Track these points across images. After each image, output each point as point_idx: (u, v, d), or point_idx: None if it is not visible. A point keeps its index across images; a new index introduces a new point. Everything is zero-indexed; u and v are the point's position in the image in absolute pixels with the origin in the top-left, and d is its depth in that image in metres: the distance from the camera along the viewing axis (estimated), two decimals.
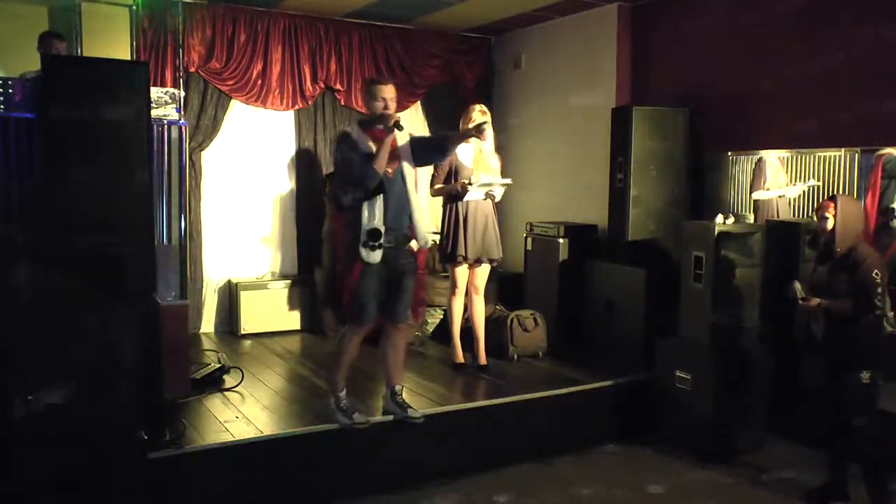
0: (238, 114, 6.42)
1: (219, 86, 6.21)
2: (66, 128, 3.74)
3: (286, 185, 6.68)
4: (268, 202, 6.64)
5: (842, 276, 3.67)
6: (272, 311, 6.30)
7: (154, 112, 4.61)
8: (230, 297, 6.40)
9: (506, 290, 6.30)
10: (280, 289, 6.38)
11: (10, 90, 4.41)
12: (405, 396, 4.16)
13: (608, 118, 5.74)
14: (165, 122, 4.91)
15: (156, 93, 4.88)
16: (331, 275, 4.09)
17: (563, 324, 5.81)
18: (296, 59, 6.46)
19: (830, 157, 4.91)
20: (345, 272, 3.87)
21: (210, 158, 6.30)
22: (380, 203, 3.81)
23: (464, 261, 4.93)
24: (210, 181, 6.30)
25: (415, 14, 6.56)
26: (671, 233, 5.49)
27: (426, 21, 6.75)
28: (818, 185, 4.97)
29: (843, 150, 4.82)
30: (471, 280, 5.05)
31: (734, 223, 4.63)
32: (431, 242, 6.76)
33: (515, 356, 5.38)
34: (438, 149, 4.22)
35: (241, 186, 6.47)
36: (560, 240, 5.88)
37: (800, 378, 4.72)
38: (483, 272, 5.07)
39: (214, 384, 4.66)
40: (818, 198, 4.87)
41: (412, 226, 3.95)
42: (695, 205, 5.75)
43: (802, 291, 3.79)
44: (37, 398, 3.04)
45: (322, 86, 6.59)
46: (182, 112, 5.38)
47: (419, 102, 7.14)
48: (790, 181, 5.18)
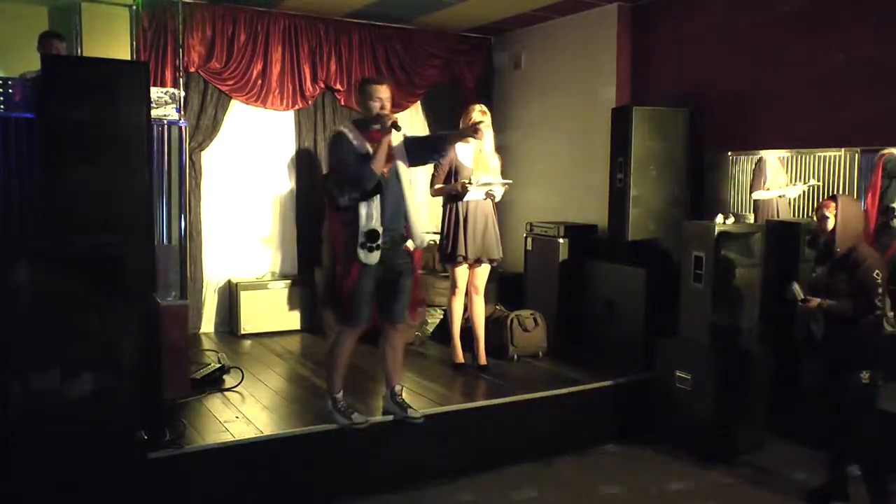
0: (238, 114, 6.42)
1: (219, 86, 6.21)
2: (66, 128, 3.74)
3: (286, 185, 6.68)
4: (268, 202, 6.64)
5: (842, 277, 3.68)
6: (272, 311, 6.31)
7: (154, 112, 4.61)
8: (230, 297, 6.40)
9: (506, 290, 6.30)
10: (280, 289, 6.38)
11: (10, 90, 4.41)
12: (405, 396, 4.16)
13: (608, 118, 5.74)
14: (165, 122, 4.91)
15: (156, 93, 4.88)
16: (331, 275, 4.09)
17: (563, 324, 5.81)
18: (296, 59, 6.46)
19: (830, 157, 4.91)
20: (342, 273, 3.86)
21: (210, 158, 6.30)
22: (377, 204, 3.80)
23: (464, 261, 4.93)
24: (210, 181, 6.30)
25: (415, 14, 6.56)
26: (671, 233, 5.49)
27: (426, 21, 6.75)
28: (818, 185, 4.97)
29: (843, 150, 4.82)
30: (471, 280, 5.05)
31: (734, 223, 4.63)
32: (430, 242, 6.80)
33: (515, 356, 5.38)
34: (434, 149, 4.21)
35: (241, 186, 6.47)
36: (560, 240, 5.88)
37: (800, 378, 4.72)
38: (483, 272, 5.07)
39: (214, 384, 4.66)
40: (818, 198, 4.86)
41: (408, 226, 3.95)
42: (695, 205, 5.76)
43: (802, 292, 3.79)
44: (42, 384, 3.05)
45: (322, 86, 6.59)
46: (182, 112, 5.38)
47: (419, 102, 7.14)
48: (790, 181, 5.18)
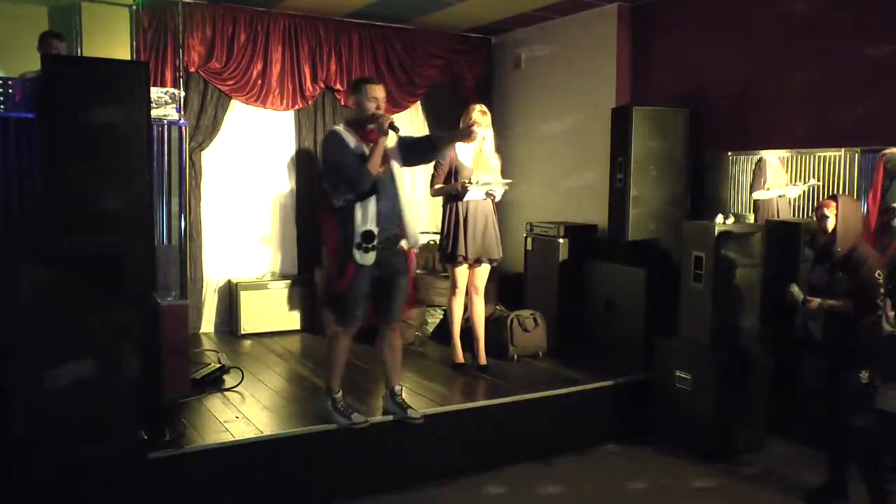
0: (238, 114, 6.41)
1: (219, 86, 6.21)
2: (66, 128, 3.74)
3: (286, 185, 6.68)
4: (268, 202, 6.64)
5: (842, 277, 3.67)
6: (272, 311, 6.31)
7: (154, 112, 4.62)
8: (230, 297, 6.40)
9: (506, 290, 6.29)
10: (280, 289, 6.38)
11: (10, 90, 4.42)
12: (405, 396, 4.17)
13: (608, 118, 5.74)
14: (165, 122, 4.92)
15: (156, 93, 4.88)
16: (330, 275, 4.09)
17: (563, 324, 5.81)
18: (296, 59, 6.46)
19: (830, 157, 4.91)
20: (336, 273, 3.87)
21: (210, 158, 6.29)
22: (372, 204, 3.80)
23: (464, 261, 4.93)
24: (210, 181, 6.30)
25: (415, 14, 6.56)
26: (671, 233, 5.49)
27: (426, 21, 6.75)
28: (818, 185, 4.97)
29: (843, 150, 4.82)
30: (471, 280, 5.05)
31: (734, 223, 4.63)
32: (430, 242, 6.80)
33: (515, 356, 5.38)
34: (429, 150, 4.20)
35: (241, 186, 6.47)
36: (560, 240, 5.88)
37: (799, 378, 4.72)
38: (483, 272, 5.07)
39: (214, 384, 4.65)
40: (818, 198, 4.86)
41: (402, 225, 3.95)
42: (695, 205, 5.76)
43: (802, 293, 3.79)
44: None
45: (322, 86, 6.59)
46: (182, 112, 5.38)
47: (419, 102, 7.14)
48: (790, 181, 5.18)
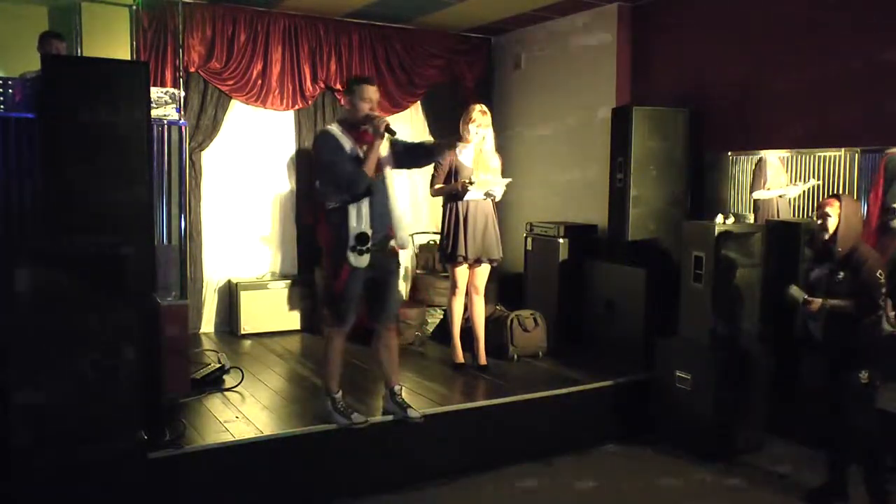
0: (238, 114, 6.41)
1: (219, 86, 6.21)
2: (66, 128, 3.74)
3: (286, 185, 6.68)
4: (268, 202, 6.64)
5: (843, 276, 3.67)
6: (272, 311, 6.30)
7: (154, 112, 4.62)
8: (230, 297, 6.40)
9: (506, 290, 6.30)
10: (280, 289, 6.38)
11: (10, 90, 4.43)
12: (405, 396, 4.17)
13: (608, 118, 5.75)
14: (165, 122, 4.92)
15: (156, 93, 4.89)
16: (328, 275, 4.10)
17: (563, 324, 5.81)
18: (296, 59, 6.46)
19: (830, 157, 4.91)
20: (331, 275, 3.87)
21: (210, 158, 6.29)
22: (366, 206, 3.81)
23: (464, 261, 4.93)
24: (210, 181, 6.30)
25: (415, 14, 6.56)
26: (671, 233, 5.49)
27: (426, 21, 6.75)
28: (818, 185, 4.97)
29: (843, 150, 4.82)
30: (471, 280, 5.05)
31: (734, 223, 4.63)
32: (431, 242, 6.80)
33: (515, 356, 5.38)
34: (424, 157, 4.22)
35: (241, 186, 6.47)
36: (560, 240, 5.87)
37: (799, 378, 4.72)
38: (483, 272, 5.07)
39: (214, 384, 4.65)
40: (818, 198, 4.86)
41: (392, 226, 3.97)
42: (695, 205, 5.76)
43: (802, 293, 3.77)
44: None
45: (322, 86, 6.59)
46: (182, 112, 5.39)
47: (419, 102, 7.14)
48: (790, 181, 5.18)
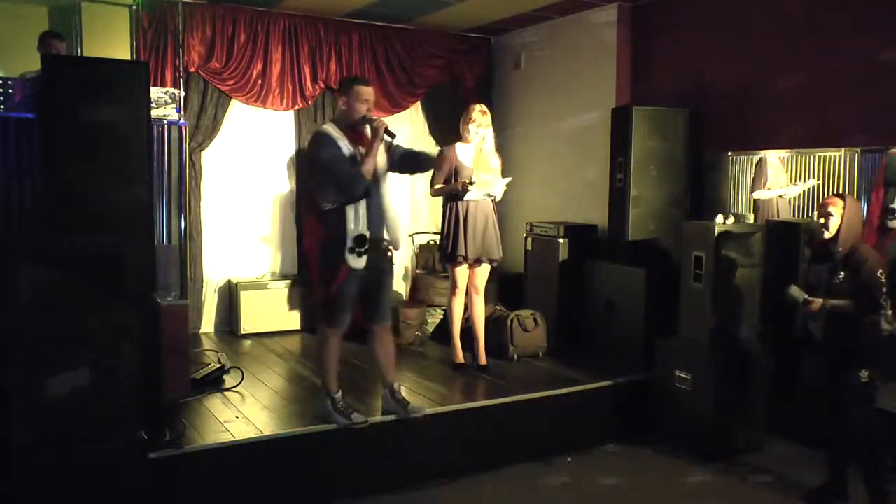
0: (238, 114, 6.41)
1: (219, 86, 6.20)
2: (66, 128, 3.74)
3: (286, 185, 6.68)
4: (268, 202, 6.64)
5: (844, 276, 3.66)
6: (272, 311, 6.30)
7: (154, 112, 4.62)
8: (230, 297, 6.40)
9: (506, 290, 6.30)
10: (280, 289, 6.38)
11: (10, 90, 4.42)
12: (404, 395, 4.18)
13: (608, 118, 5.74)
14: (165, 122, 4.91)
15: (156, 93, 4.88)
16: (322, 277, 4.11)
17: (563, 324, 5.81)
18: (296, 59, 6.46)
19: (830, 157, 4.91)
20: (328, 276, 3.87)
21: (210, 158, 6.29)
22: (362, 207, 3.81)
23: (464, 261, 4.93)
24: (210, 181, 6.30)
25: (415, 14, 6.56)
26: (671, 233, 5.49)
27: (426, 21, 6.75)
28: (818, 185, 4.97)
29: (843, 150, 4.82)
30: (471, 280, 5.05)
31: (734, 223, 4.63)
32: (431, 242, 6.79)
33: (515, 356, 5.38)
34: (418, 167, 4.23)
35: (241, 186, 6.47)
36: (560, 240, 5.87)
37: (799, 378, 4.72)
38: (483, 272, 5.07)
39: (214, 384, 4.65)
40: (818, 198, 4.86)
41: (386, 227, 3.98)
42: (695, 205, 5.76)
43: (802, 293, 3.75)
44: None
45: (322, 86, 6.59)
46: (182, 112, 5.39)
47: (419, 102, 7.14)
48: (790, 181, 5.18)
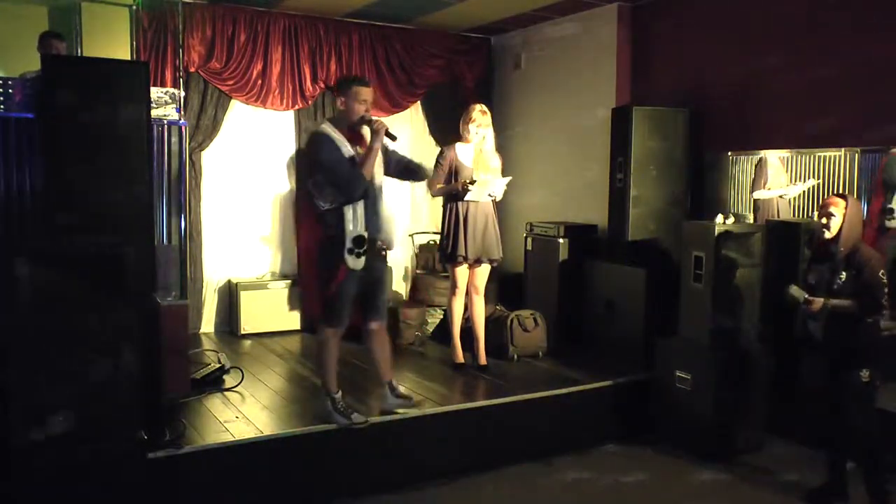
0: (238, 114, 6.41)
1: (219, 86, 6.20)
2: (66, 128, 3.74)
3: (286, 185, 6.68)
4: (268, 202, 6.64)
5: (846, 276, 3.65)
6: (272, 311, 6.30)
7: (154, 112, 4.62)
8: (230, 297, 6.40)
9: (506, 290, 6.30)
10: (280, 289, 6.38)
11: (10, 90, 4.42)
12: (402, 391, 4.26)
13: (608, 118, 5.74)
14: (165, 122, 4.91)
15: (156, 93, 4.88)
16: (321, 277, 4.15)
17: (563, 324, 5.81)
18: (296, 59, 6.46)
19: (830, 157, 4.91)
20: (327, 277, 3.88)
21: (210, 158, 6.29)
22: (360, 208, 3.83)
23: (464, 261, 4.93)
24: (210, 181, 6.30)
25: (415, 14, 6.56)
26: (671, 233, 5.49)
27: (426, 21, 6.75)
28: (818, 185, 4.97)
29: (843, 150, 4.82)
30: (471, 280, 5.05)
31: (734, 223, 4.63)
32: (431, 242, 6.79)
33: (515, 356, 5.38)
34: (411, 176, 4.24)
35: (241, 186, 6.47)
36: (560, 240, 5.88)
37: (799, 378, 4.72)
38: (483, 272, 5.07)
39: (214, 384, 4.65)
40: (818, 198, 4.86)
41: (381, 227, 4.00)
42: (695, 205, 5.76)
43: (803, 293, 3.73)
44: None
45: (322, 86, 6.59)
46: (182, 112, 5.38)
47: (419, 102, 7.14)
48: (790, 181, 5.18)
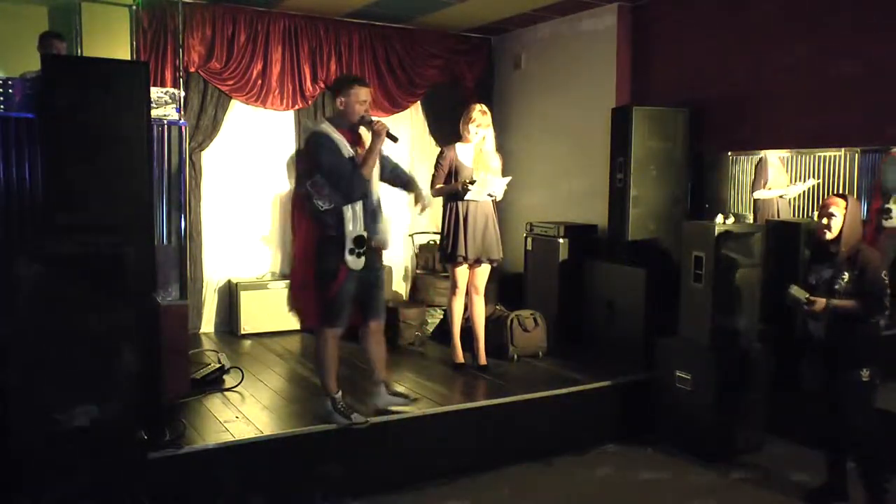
0: (238, 114, 6.41)
1: (219, 86, 6.21)
2: (66, 128, 3.73)
3: (286, 185, 6.68)
4: (268, 202, 6.64)
5: (848, 277, 3.64)
6: (272, 311, 6.29)
7: (154, 112, 4.61)
8: (230, 297, 6.40)
9: (506, 290, 6.30)
10: (280, 289, 6.35)
11: (10, 90, 4.42)
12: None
13: (608, 118, 5.74)
14: (165, 122, 4.91)
15: (156, 93, 4.88)
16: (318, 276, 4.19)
17: (563, 324, 5.81)
18: (296, 59, 6.46)
19: (830, 157, 4.91)
20: (328, 277, 3.88)
21: (210, 158, 6.30)
22: (359, 208, 3.85)
23: (464, 261, 4.93)
24: (210, 181, 6.30)
25: (415, 14, 6.56)
26: (671, 233, 5.50)
27: (426, 21, 6.75)
28: (818, 185, 4.97)
29: (843, 150, 4.82)
30: (471, 280, 5.05)
31: (734, 223, 4.63)
32: (431, 242, 6.79)
33: (515, 356, 5.38)
34: (401, 185, 4.24)
35: (241, 186, 6.47)
36: (560, 240, 5.88)
37: (799, 378, 4.72)
38: (483, 272, 5.07)
39: (214, 384, 4.66)
40: (818, 197, 4.87)
41: (378, 227, 4.01)
42: (695, 205, 5.76)
43: (805, 293, 3.71)
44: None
45: (322, 86, 6.59)
46: (182, 112, 5.38)
47: (419, 102, 7.14)
48: (790, 181, 5.18)
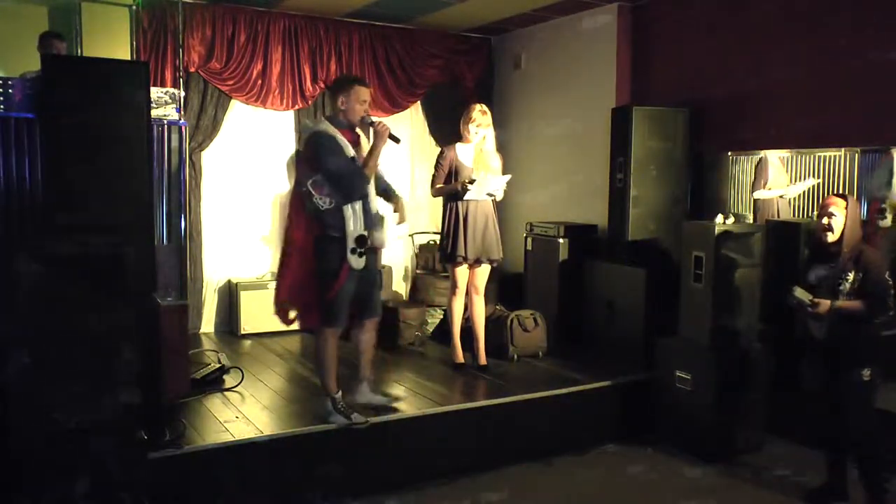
0: (238, 114, 6.41)
1: (219, 86, 6.20)
2: (66, 128, 3.73)
3: (286, 185, 6.67)
4: (268, 202, 6.64)
5: (852, 278, 3.63)
6: (272, 311, 6.28)
7: (154, 112, 4.62)
8: (230, 297, 6.40)
9: (506, 290, 6.30)
10: None
11: (10, 90, 4.42)
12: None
13: (608, 118, 5.74)
14: (165, 122, 4.91)
15: (156, 93, 4.88)
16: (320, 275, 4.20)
17: (563, 324, 5.81)
18: (296, 59, 6.46)
19: (830, 157, 4.91)
20: (329, 277, 3.89)
21: (210, 158, 6.29)
22: (360, 208, 3.87)
23: (464, 261, 4.93)
24: (210, 181, 6.30)
25: (415, 14, 6.56)
26: (671, 233, 5.50)
27: (426, 21, 6.75)
28: (818, 185, 4.97)
29: (843, 150, 4.82)
30: (471, 280, 5.05)
31: (734, 223, 4.63)
32: (431, 242, 6.79)
33: (515, 356, 5.38)
34: (386, 198, 4.20)
35: (241, 186, 6.47)
36: (560, 240, 5.88)
37: (799, 378, 4.72)
38: (483, 272, 5.07)
39: (214, 384, 4.66)
40: (818, 198, 4.86)
41: (376, 227, 4.03)
42: (695, 205, 5.76)
43: (808, 295, 3.68)
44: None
45: (322, 86, 6.58)
46: (182, 112, 5.38)
47: (419, 102, 7.14)
48: (790, 181, 5.18)
